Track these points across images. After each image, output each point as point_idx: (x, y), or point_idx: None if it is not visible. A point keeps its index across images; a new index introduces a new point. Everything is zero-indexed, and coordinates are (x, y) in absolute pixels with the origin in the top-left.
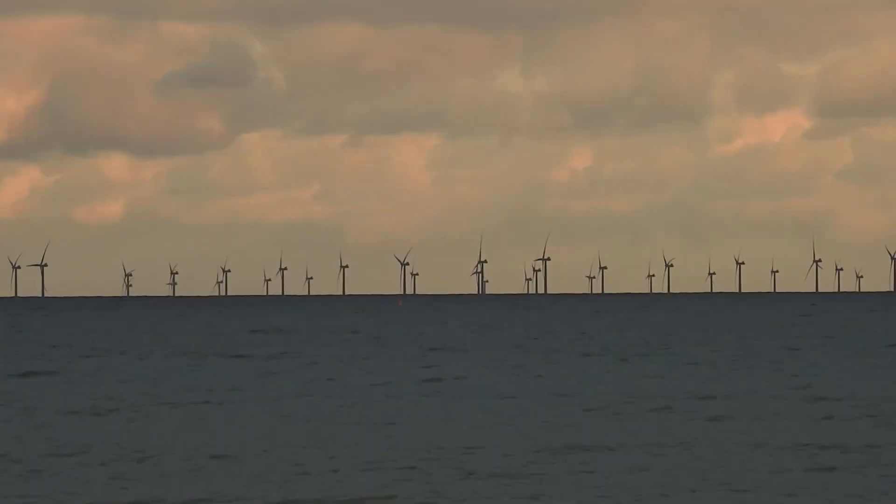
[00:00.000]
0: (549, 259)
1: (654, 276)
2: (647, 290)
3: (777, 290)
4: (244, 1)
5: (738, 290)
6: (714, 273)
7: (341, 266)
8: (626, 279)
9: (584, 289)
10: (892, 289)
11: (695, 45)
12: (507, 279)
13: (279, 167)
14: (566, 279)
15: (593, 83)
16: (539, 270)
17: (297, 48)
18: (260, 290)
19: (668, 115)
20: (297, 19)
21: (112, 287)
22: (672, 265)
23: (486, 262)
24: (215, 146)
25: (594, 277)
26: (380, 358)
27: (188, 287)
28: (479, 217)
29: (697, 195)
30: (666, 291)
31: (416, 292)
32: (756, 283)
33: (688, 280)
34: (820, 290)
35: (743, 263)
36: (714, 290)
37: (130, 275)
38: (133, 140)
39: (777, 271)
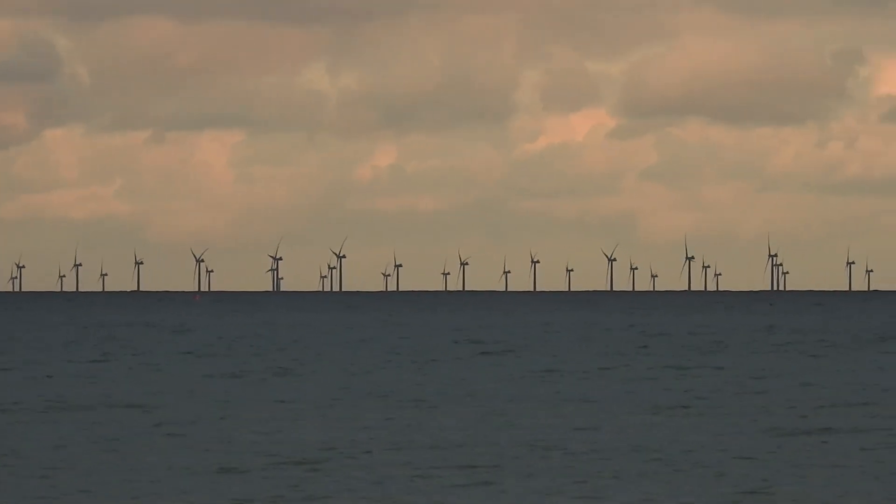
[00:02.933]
0: (344, 256)
1: (448, 273)
2: (443, 288)
3: (571, 289)
4: None
5: (532, 289)
6: (509, 271)
7: (136, 262)
8: (422, 277)
9: (379, 286)
10: (686, 288)
11: (502, 42)
12: (304, 277)
13: (82, 163)
14: (362, 277)
15: (399, 80)
16: (334, 268)
17: (102, 44)
18: (55, 287)
19: (475, 113)
20: (103, 15)
21: None
22: (468, 263)
23: (281, 259)
24: (18, 141)
25: (389, 275)
26: None
27: None
28: (280, 214)
29: (501, 194)
30: (461, 289)
31: (211, 289)
32: (550, 281)
33: (483, 278)
34: (614, 288)
35: (538, 262)
36: (509, 289)
37: None
38: None
39: (572, 270)
